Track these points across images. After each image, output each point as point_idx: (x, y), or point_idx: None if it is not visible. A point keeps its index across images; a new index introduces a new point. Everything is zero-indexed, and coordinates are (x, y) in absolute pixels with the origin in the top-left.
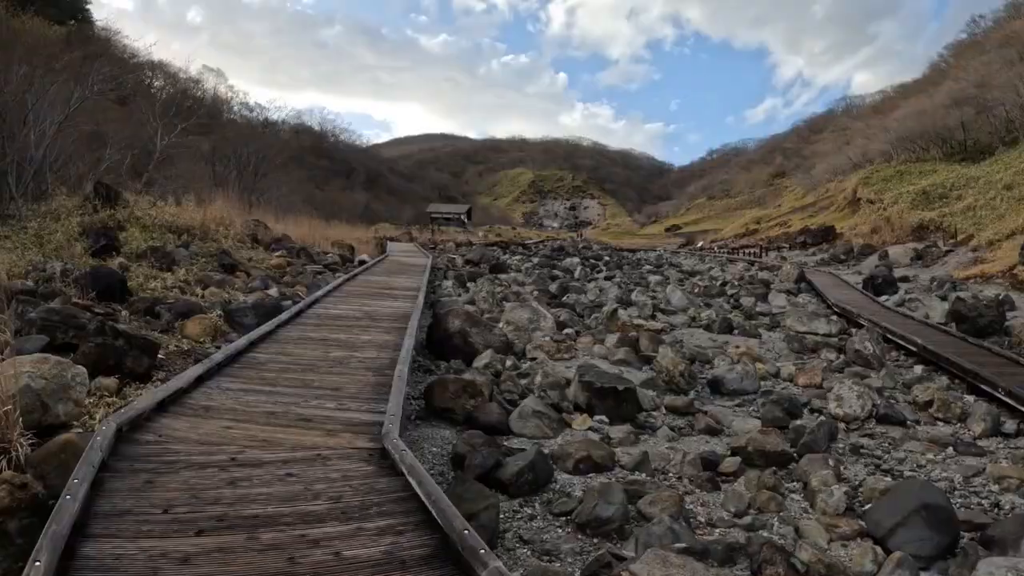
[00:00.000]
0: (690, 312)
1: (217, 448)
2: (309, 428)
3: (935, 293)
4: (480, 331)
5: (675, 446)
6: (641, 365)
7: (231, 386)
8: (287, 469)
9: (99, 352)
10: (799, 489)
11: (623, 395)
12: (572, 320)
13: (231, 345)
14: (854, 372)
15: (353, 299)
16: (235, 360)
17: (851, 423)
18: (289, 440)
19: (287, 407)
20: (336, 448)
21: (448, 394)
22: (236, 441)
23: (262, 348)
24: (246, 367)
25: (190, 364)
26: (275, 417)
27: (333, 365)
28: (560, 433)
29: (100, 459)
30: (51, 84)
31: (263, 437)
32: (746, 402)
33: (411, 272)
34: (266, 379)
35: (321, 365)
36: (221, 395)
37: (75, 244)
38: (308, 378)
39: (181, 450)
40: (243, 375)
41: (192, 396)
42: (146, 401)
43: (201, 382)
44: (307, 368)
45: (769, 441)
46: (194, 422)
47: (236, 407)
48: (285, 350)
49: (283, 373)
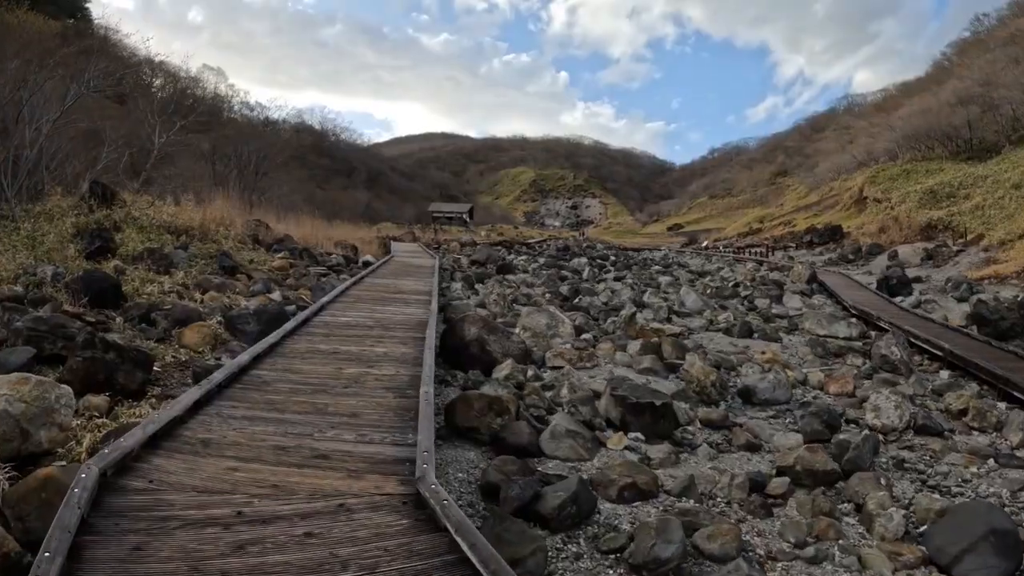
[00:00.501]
0: (706, 315)
1: (220, 498)
2: (327, 468)
3: (951, 294)
4: (498, 339)
5: (718, 466)
6: (667, 374)
7: (234, 413)
8: (305, 526)
9: (88, 367)
10: (851, 511)
11: (660, 411)
12: (588, 324)
13: (233, 361)
14: (883, 379)
15: (362, 305)
16: (237, 379)
17: (889, 434)
18: (305, 485)
19: (299, 439)
20: (361, 495)
21: (473, 412)
22: (241, 487)
23: (267, 364)
24: (250, 388)
25: (188, 377)
26: (286, 453)
27: (348, 385)
28: (595, 454)
29: (78, 518)
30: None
31: (274, 482)
32: (779, 413)
33: (419, 274)
34: (273, 403)
35: (334, 385)
36: (222, 425)
37: (68, 246)
38: (321, 401)
39: (176, 501)
40: (247, 398)
41: (189, 426)
42: (135, 437)
43: (199, 408)
44: (319, 389)
45: (818, 460)
46: (191, 462)
47: (240, 440)
48: (293, 366)
49: (292, 396)
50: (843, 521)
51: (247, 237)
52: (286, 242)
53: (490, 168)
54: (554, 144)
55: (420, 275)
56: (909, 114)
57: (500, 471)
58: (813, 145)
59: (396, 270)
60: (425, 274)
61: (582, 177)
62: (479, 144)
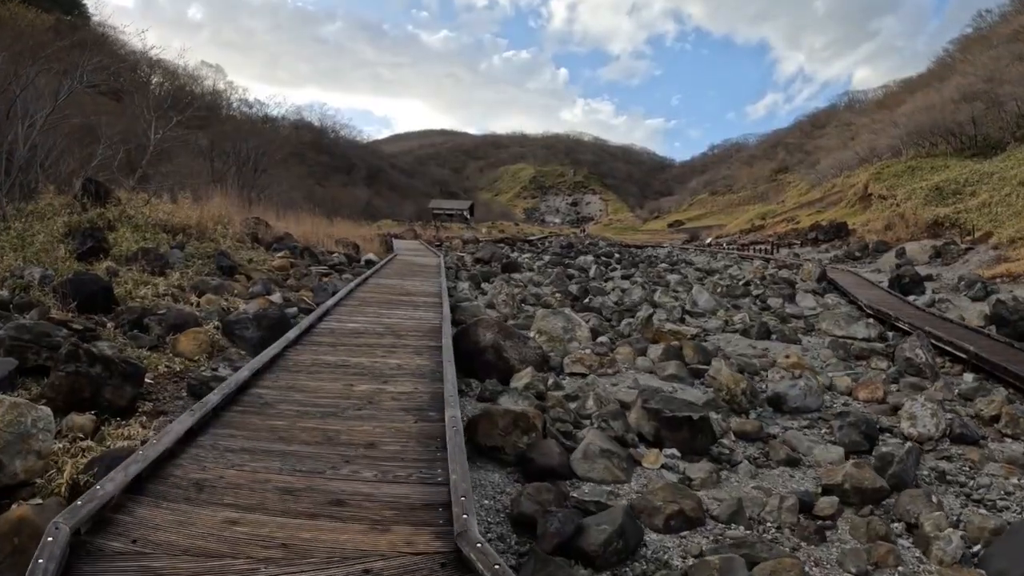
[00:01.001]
0: (720, 314)
1: (218, 563)
2: (345, 519)
3: (964, 293)
4: (514, 344)
5: (761, 484)
6: (692, 380)
7: (232, 444)
8: None
9: (71, 383)
10: (903, 531)
11: (698, 425)
12: (602, 326)
13: (230, 379)
14: (910, 383)
15: (368, 308)
16: (235, 400)
17: (925, 444)
18: (320, 544)
19: (310, 478)
20: (389, 555)
21: (497, 430)
22: (243, 547)
23: (269, 380)
24: (250, 410)
25: (182, 390)
26: (295, 499)
27: (361, 405)
28: (631, 474)
29: None
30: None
31: (282, 539)
32: (812, 422)
33: (424, 274)
34: (277, 431)
35: (346, 406)
36: (219, 460)
37: (59, 246)
38: (332, 428)
39: (165, 570)
40: (246, 425)
41: (180, 463)
42: (114, 482)
43: (192, 438)
44: (328, 411)
45: (866, 477)
46: (183, 512)
47: (240, 481)
48: (297, 383)
49: (298, 420)
50: (897, 543)
51: (246, 235)
52: (286, 240)
53: (490, 165)
54: (554, 140)
55: (426, 275)
56: (912, 110)
57: (535, 500)
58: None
59: (401, 270)
60: (431, 274)
61: (582, 173)
62: (479, 141)
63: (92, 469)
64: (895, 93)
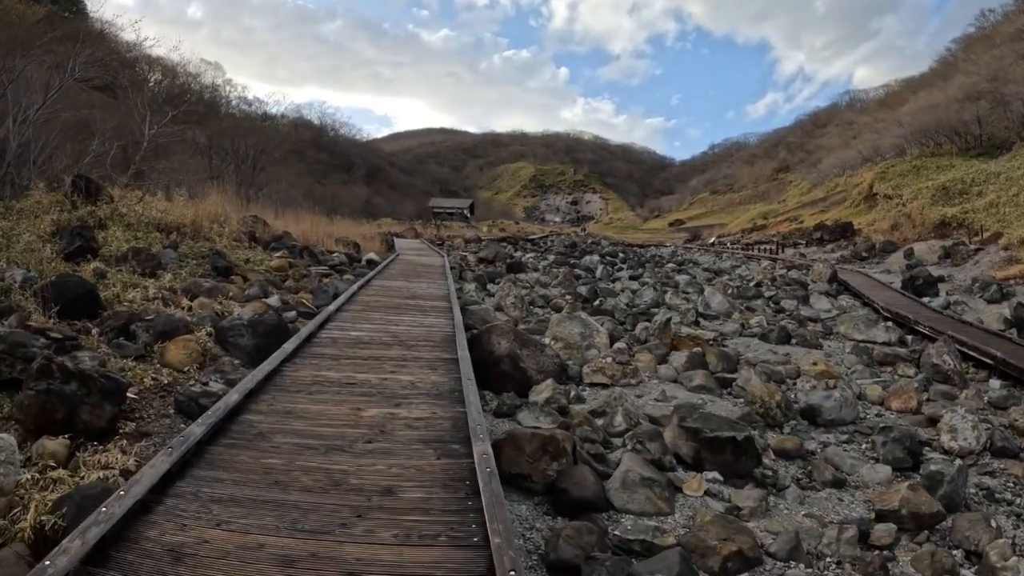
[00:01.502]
0: (735, 317)
1: None
2: None
3: (979, 296)
4: (531, 352)
5: (812, 512)
6: (720, 391)
7: (218, 491)
8: None
9: (42, 403)
10: (963, 559)
11: (742, 446)
12: (616, 330)
13: (218, 404)
14: (941, 391)
15: (374, 314)
16: (223, 430)
17: (966, 458)
18: None
19: (316, 542)
20: None
21: (524, 456)
22: None
23: (263, 404)
24: (240, 444)
25: (169, 406)
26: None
27: (372, 436)
28: (674, 504)
29: None
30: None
31: None
32: (850, 436)
33: (430, 275)
34: (272, 471)
35: (354, 437)
36: (201, 515)
37: (45, 246)
38: (338, 467)
39: None
40: (236, 464)
41: (154, 518)
42: (68, 555)
43: (170, 483)
44: (333, 445)
45: (923, 501)
46: None
47: (227, 547)
48: (296, 407)
49: (298, 457)
50: None
51: (243, 234)
52: (285, 239)
53: (489, 163)
54: (554, 139)
55: (431, 276)
56: (916, 110)
57: (575, 544)
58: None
59: (404, 270)
60: (436, 275)
61: (582, 172)
62: (478, 139)
63: (61, 508)
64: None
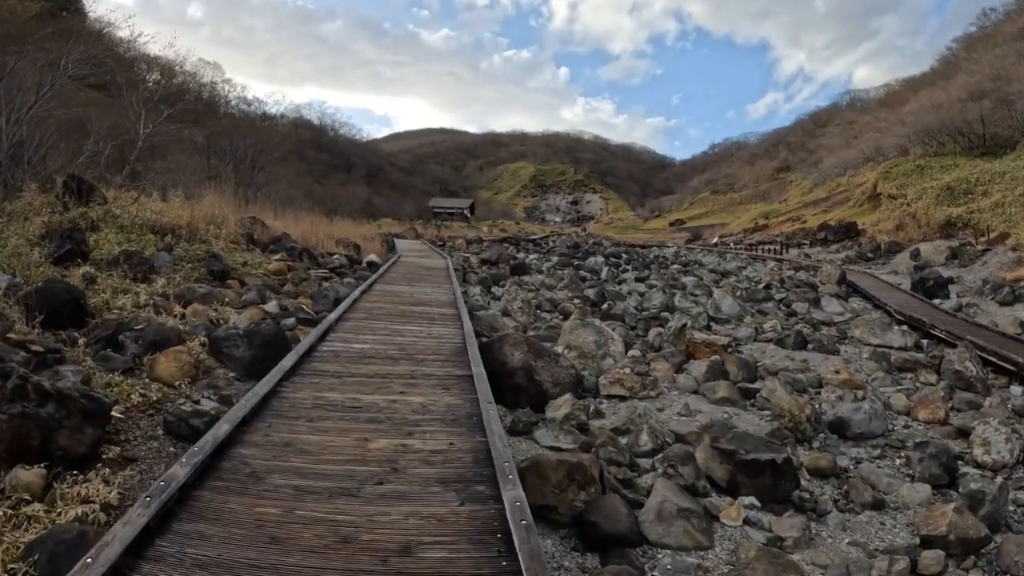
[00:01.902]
0: (747, 321)
1: None
2: None
3: (990, 297)
4: (546, 364)
5: (856, 539)
6: (745, 403)
7: (202, 551)
8: None
9: (16, 429)
10: None
11: (781, 469)
12: (628, 336)
13: (205, 438)
14: (965, 400)
15: (377, 324)
16: (211, 469)
17: (1000, 472)
18: None
19: None
20: None
21: (550, 486)
22: None
23: (258, 434)
24: (231, 487)
25: (157, 426)
26: None
27: (382, 475)
28: (712, 535)
29: None
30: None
31: None
32: (881, 450)
33: (433, 278)
34: (267, 523)
35: (362, 477)
36: None
37: (33, 250)
38: (345, 516)
39: None
40: (224, 515)
41: None
42: None
43: (148, 540)
44: (339, 488)
45: (970, 525)
46: None
47: None
48: (296, 437)
49: (297, 504)
50: None
51: (241, 236)
52: (284, 241)
53: (489, 163)
54: (554, 139)
55: (435, 279)
56: (919, 109)
57: None
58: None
59: (407, 273)
60: (440, 278)
61: (582, 172)
62: (478, 139)
63: (33, 555)
64: (898, 92)
